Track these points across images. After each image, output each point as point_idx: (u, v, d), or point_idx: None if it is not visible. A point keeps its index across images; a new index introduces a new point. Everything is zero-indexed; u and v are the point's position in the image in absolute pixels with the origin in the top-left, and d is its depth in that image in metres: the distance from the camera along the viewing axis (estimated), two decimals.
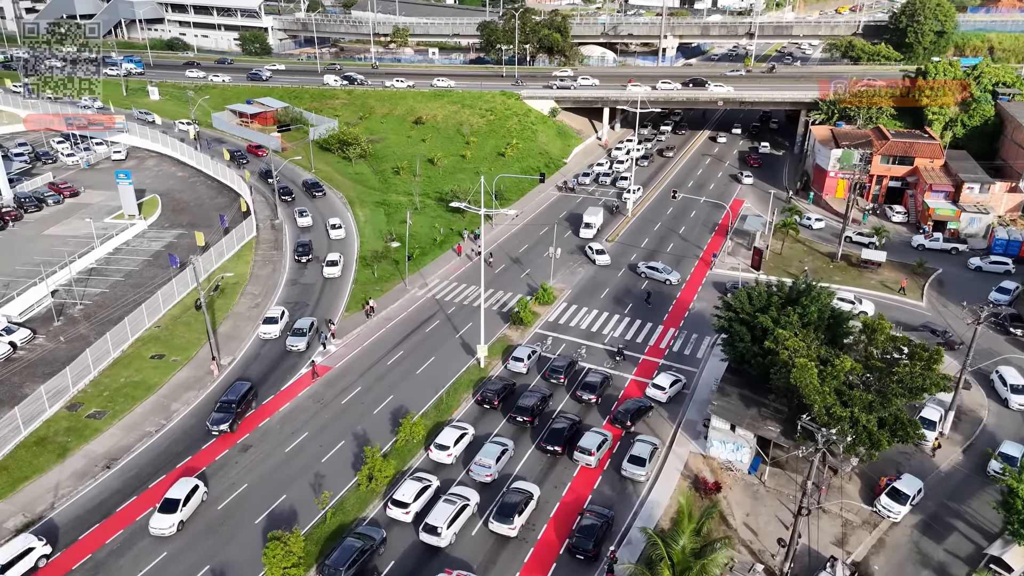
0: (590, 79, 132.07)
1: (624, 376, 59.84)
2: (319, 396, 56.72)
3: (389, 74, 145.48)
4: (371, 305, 68.58)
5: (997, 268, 77.78)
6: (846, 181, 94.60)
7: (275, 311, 66.70)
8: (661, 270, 76.34)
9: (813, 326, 50.89)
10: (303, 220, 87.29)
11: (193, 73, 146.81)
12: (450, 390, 57.28)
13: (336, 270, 75.01)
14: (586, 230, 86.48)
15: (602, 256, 79.85)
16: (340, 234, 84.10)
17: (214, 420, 52.22)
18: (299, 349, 62.13)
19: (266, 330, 64.34)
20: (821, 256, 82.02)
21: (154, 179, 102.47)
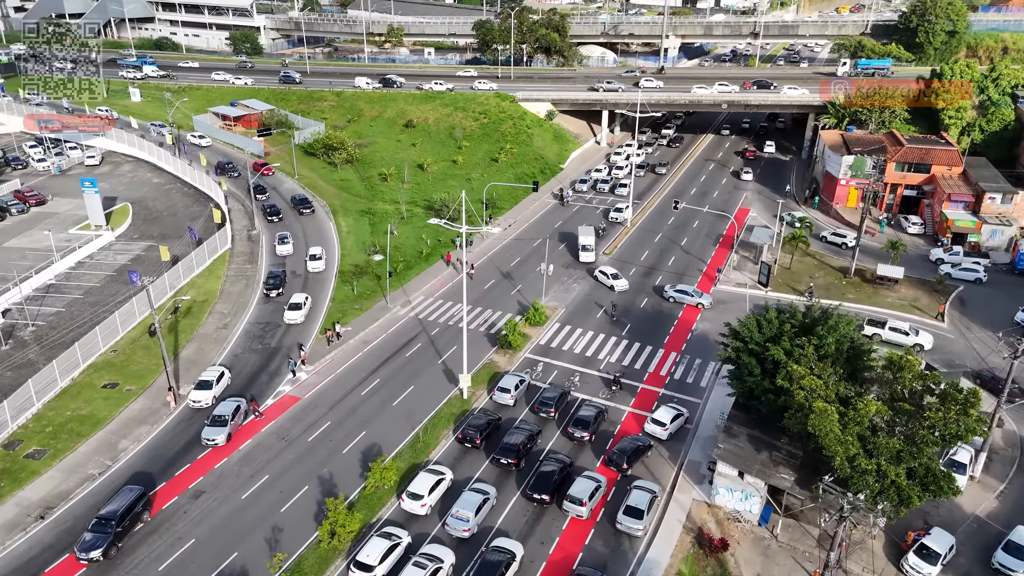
0: (653, 81, 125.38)
1: (621, 408, 54.56)
2: (284, 432, 51.47)
3: (427, 76, 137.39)
4: (338, 331, 62.81)
5: (967, 275, 74.05)
6: (858, 190, 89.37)
7: (211, 373, 55.35)
8: (692, 293, 69.75)
9: (831, 359, 45.66)
10: (282, 248, 78.54)
11: (219, 76, 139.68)
12: (429, 425, 52.00)
13: (299, 315, 64.96)
14: (585, 253, 78.43)
15: (619, 281, 72.68)
16: (319, 267, 74.69)
17: (83, 545, 39.97)
18: (216, 442, 49.14)
19: (197, 397, 53.36)
20: (833, 271, 76.67)
21: (128, 186, 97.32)
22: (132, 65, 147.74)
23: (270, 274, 72.44)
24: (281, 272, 73.16)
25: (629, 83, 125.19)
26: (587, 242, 78.84)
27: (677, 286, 71.27)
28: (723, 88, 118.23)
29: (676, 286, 71.30)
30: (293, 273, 74.88)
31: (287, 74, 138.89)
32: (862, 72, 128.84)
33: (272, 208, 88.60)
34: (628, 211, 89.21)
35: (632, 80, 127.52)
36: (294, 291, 69.83)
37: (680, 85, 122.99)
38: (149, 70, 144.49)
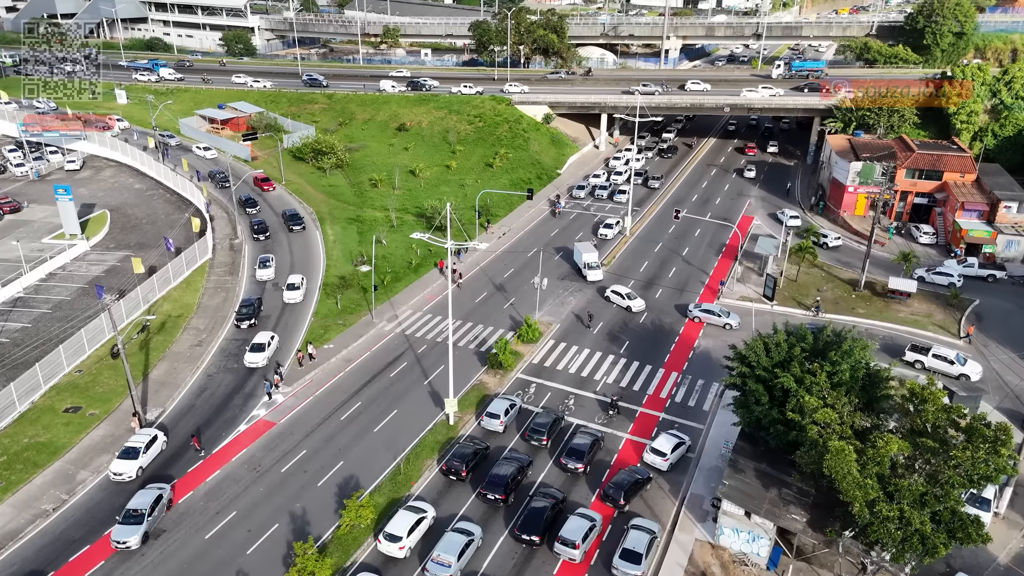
0: (700, 83, 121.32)
1: (618, 435, 50.97)
2: (255, 462, 47.87)
3: (455, 79, 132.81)
4: (310, 352, 58.92)
5: (940, 279, 72.16)
6: (868, 198, 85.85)
7: (139, 438, 46.96)
8: (719, 312, 65.41)
9: (845, 387, 42.07)
10: (263, 272, 71.72)
11: (239, 79, 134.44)
12: (411, 455, 48.38)
13: (260, 358, 57.40)
14: (592, 272, 72.90)
15: (636, 301, 67.63)
16: (295, 298, 67.22)
17: None
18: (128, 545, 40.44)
19: (119, 468, 45.14)
20: (842, 284, 73.06)
21: (108, 192, 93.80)
22: (144, 68, 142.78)
23: (244, 302, 65.70)
24: (256, 300, 66.44)
25: (674, 85, 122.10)
26: (590, 259, 73.47)
27: (702, 305, 66.64)
28: (766, 90, 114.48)
29: (701, 305, 66.69)
30: (275, 298, 68.73)
31: (312, 77, 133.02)
32: (796, 74, 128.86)
33: (260, 225, 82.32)
34: (627, 220, 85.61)
35: (678, 83, 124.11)
36: (268, 323, 64.29)
37: (728, 88, 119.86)
38: (166, 73, 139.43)
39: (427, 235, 49.78)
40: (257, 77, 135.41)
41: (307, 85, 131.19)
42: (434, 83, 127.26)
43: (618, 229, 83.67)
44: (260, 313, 65.94)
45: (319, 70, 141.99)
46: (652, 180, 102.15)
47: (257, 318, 64.71)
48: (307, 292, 69.04)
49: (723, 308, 66.11)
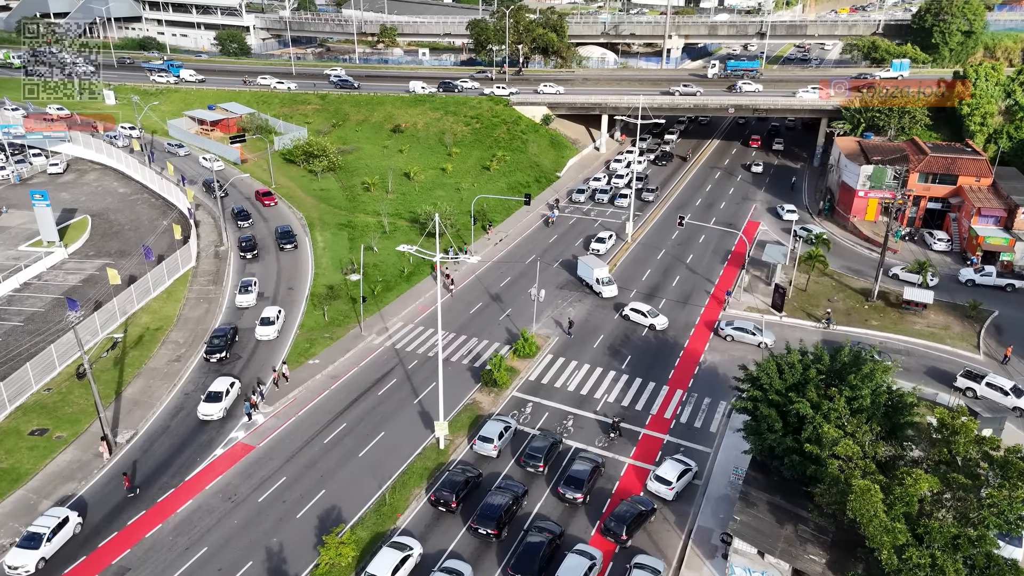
0: (753, 85, 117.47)
1: (619, 460, 47.72)
2: (231, 491, 44.66)
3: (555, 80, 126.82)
4: (284, 373, 55.04)
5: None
6: (878, 201, 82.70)
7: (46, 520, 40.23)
8: (753, 330, 60.84)
9: (866, 413, 38.87)
10: (243, 298, 64.91)
11: (265, 80, 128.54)
12: (398, 483, 45.15)
13: (216, 409, 50.25)
14: (607, 287, 68.04)
15: (659, 319, 63.31)
16: (268, 334, 59.90)
17: None
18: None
19: (15, 561, 38.27)
20: (853, 294, 69.81)
21: (91, 196, 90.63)
22: (159, 69, 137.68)
23: (216, 332, 59.44)
24: (230, 330, 59.90)
25: (721, 87, 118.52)
26: (602, 274, 68.66)
27: (735, 323, 61.82)
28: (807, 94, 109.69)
29: (734, 323, 61.86)
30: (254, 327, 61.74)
31: (343, 79, 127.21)
32: (732, 73, 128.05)
33: (248, 242, 75.62)
34: (629, 225, 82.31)
35: (727, 83, 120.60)
36: (240, 359, 57.84)
37: (783, 87, 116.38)
38: (187, 74, 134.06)
39: (414, 247, 46.55)
40: (282, 79, 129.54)
41: (337, 87, 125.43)
42: (474, 85, 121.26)
43: (611, 244, 78.91)
44: (234, 344, 59.45)
45: (349, 71, 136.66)
46: (647, 192, 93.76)
47: (229, 352, 58.11)
48: (284, 328, 61.65)
49: (757, 326, 61.40)
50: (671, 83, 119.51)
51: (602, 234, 79.56)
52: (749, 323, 62.02)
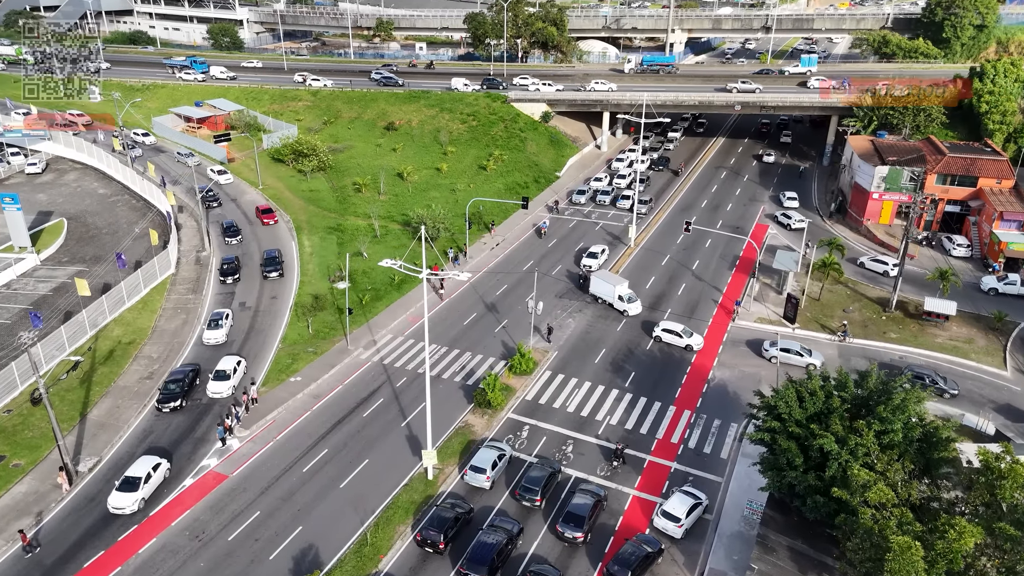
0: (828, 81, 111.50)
1: (623, 491, 43.96)
2: (199, 528, 40.90)
3: (541, 75, 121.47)
4: (253, 396, 50.87)
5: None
6: (907, 210, 78.78)
7: None
8: (801, 351, 56.10)
9: (898, 449, 35.11)
10: (212, 334, 57.56)
11: (299, 78, 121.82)
12: (382, 519, 41.37)
13: (129, 500, 41.26)
14: (631, 305, 62.82)
15: (694, 338, 58.55)
16: (220, 390, 51.19)
17: None
18: None
19: None
20: (870, 303, 66.00)
21: (68, 198, 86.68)
22: (183, 66, 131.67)
23: (172, 376, 51.94)
24: (188, 374, 51.97)
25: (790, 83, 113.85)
26: (624, 291, 63.32)
27: (780, 344, 56.51)
28: None
29: (779, 344, 56.53)
30: None
31: (385, 75, 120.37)
32: (648, 68, 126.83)
33: (229, 265, 68.12)
34: (632, 229, 78.37)
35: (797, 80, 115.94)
36: (200, 402, 50.69)
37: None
38: (217, 71, 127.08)
39: (399, 262, 42.66)
40: (317, 75, 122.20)
41: (380, 85, 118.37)
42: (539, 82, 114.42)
43: (604, 258, 72.30)
44: (193, 389, 51.93)
45: (393, 68, 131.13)
46: (640, 204, 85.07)
47: (187, 400, 50.82)
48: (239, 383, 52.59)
49: (804, 347, 56.68)
50: None
51: (595, 248, 72.86)
52: (796, 343, 57.10)
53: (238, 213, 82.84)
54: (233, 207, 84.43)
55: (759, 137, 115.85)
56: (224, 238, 75.46)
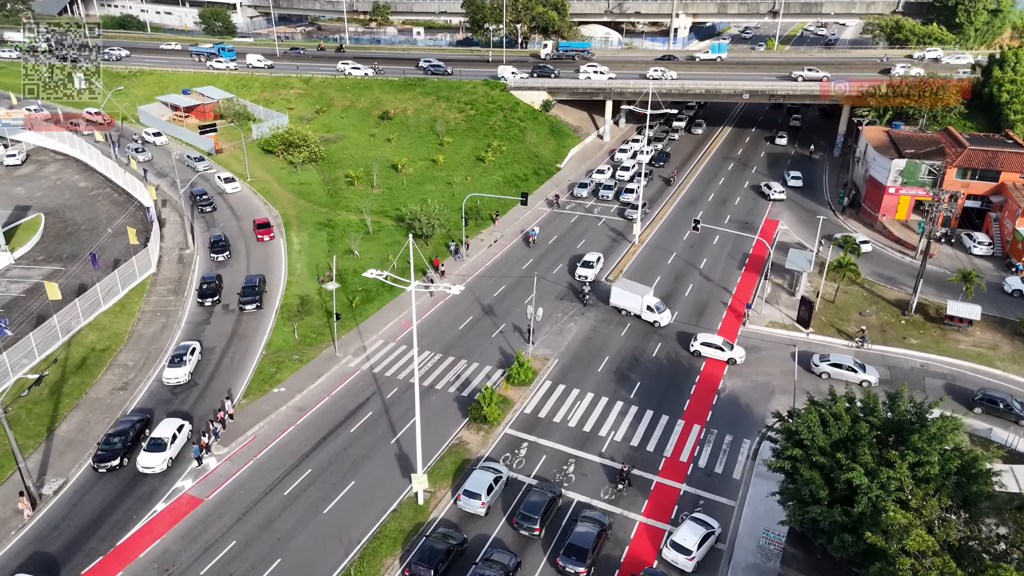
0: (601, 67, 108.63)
1: (629, 517, 40.76)
2: (169, 560, 37.71)
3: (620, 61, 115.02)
4: (229, 411, 47.37)
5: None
6: (924, 207, 75.18)
7: None
8: (854, 367, 51.85)
9: (934, 484, 31.83)
10: (172, 373, 50.40)
11: (344, 65, 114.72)
12: (368, 551, 38.17)
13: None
14: (662, 315, 58.59)
15: (736, 351, 54.62)
16: (153, 465, 42.54)
17: None
18: None
19: None
20: (888, 306, 62.61)
21: (48, 191, 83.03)
22: (209, 53, 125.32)
23: (117, 427, 44.92)
24: (134, 426, 44.93)
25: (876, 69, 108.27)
26: (652, 300, 59.21)
27: (831, 358, 52.76)
28: None
29: (830, 358, 52.80)
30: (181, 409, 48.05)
31: (434, 63, 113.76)
32: (564, 54, 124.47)
33: (210, 285, 61.45)
34: (636, 226, 74.79)
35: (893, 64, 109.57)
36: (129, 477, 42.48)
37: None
38: (253, 60, 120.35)
39: (384, 274, 39.29)
40: (357, 64, 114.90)
41: (429, 73, 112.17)
42: (595, 68, 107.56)
43: (599, 267, 67.12)
44: (128, 448, 43.67)
45: (436, 55, 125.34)
46: (631, 209, 78.89)
47: (122, 455, 43.15)
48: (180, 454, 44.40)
49: (856, 361, 52.74)
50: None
51: (589, 256, 67.01)
52: (849, 358, 52.92)
53: (232, 224, 75.63)
54: (229, 214, 77.85)
55: (766, 127, 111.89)
56: (210, 254, 68.09)
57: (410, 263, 39.36)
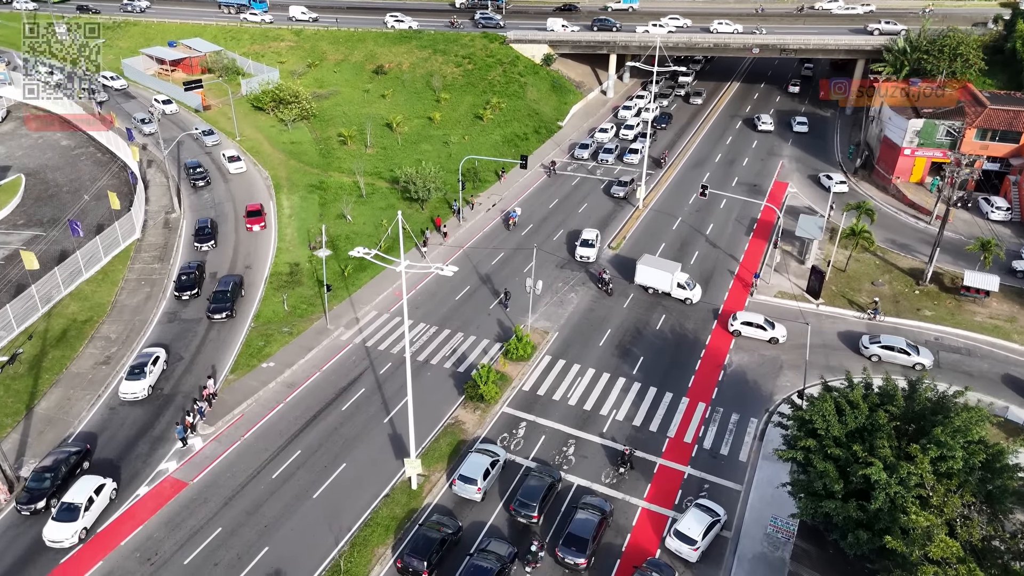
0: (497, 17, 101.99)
1: (631, 502, 39.16)
2: (152, 548, 36.20)
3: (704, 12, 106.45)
4: (212, 391, 44.75)
5: None
6: (927, 160, 72.17)
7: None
8: (907, 348, 48.77)
9: (957, 479, 30.01)
10: (130, 387, 44.48)
11: (391, 18, 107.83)
12: (359, 539, 36.62)
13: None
14: (694, 291, 55.74)
15: (778, 329, 51.49)
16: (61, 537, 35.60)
17: None
18: None
19: None
20: (901, 275, 60.25)
21: (29, 150, 79.87)
22: (240, 5, 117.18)
23: (48, 463, 38.90)
24: (73, 456, 39.45)
25: None
26: (682, 277, 55.88)
27: (882, 339, 49.66)
28: None
29: (880, 339, 49.74)
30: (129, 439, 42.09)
31: (488, 15, 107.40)
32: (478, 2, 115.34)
33: (189, 276, 55.37)
34: (640, 189, 71.88)
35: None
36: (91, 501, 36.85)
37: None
38: (297, 12, 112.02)
39: (372, 252, 36.94)
40: (400, 16, 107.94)
41: (480, 26, 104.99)
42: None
43: (600, 244, 63.03)
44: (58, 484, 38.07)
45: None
46: (618, 187, 72.92)
47: (52, 499, 37.47)
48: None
49: (910, 343, 49.65)
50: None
51: (587, 234, 62.41)
52: (900, 339, 49.58)
53: (227, 208, 68.55)
54: (225, 195, 71.01)
55: (775, 82, 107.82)
56: (195, 242, 61.61)
57: (400, 240, 36.80)
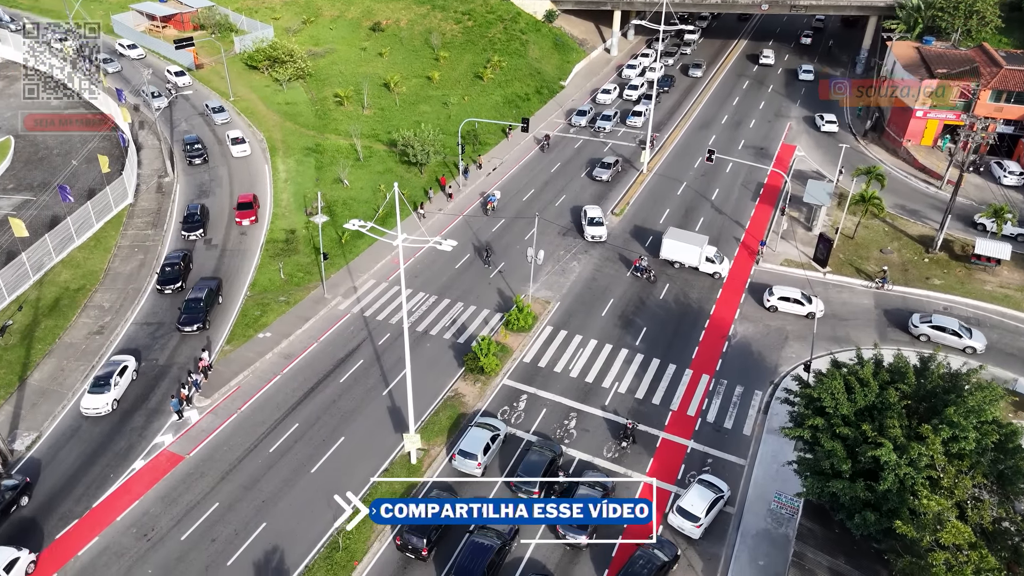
0: None
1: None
2: (148, 524, 35.80)
3: None
4: (208, 363, 43.77)
5: None
6: (939, 123, 70.30)
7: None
8: (958, 330, 46.69)
9: (969, 461, 29.33)
10: (93, 401, 40.90)
11: None
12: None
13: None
14: (721, 265, 54.24)
15: (815, 303, 49.74)
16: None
17: None
18: None
19: None
20: (910, 242, 59.03)
21: (18, 111, 77.77)
22: None
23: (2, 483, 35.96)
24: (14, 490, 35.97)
25: None
26: (710, 251, 54.53)
27: (933, 317, 47.97)
28: None
29: (931, 317, 48.01)
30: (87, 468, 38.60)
31: None
32: None
33: (173, 267, 51.46)
34: (645, 153, 70.17)
35: None
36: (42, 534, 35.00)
37: None
38: None
39: (368, 225, 35.72)
40: None
41: None
42: None
43: (606, 221, 59.80)
44: (19, 502, 36.06)
45: None
46: (601, 168, 68.02)
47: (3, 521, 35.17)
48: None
49: (962, 324, 47.47)
50: None
51: (592, 211, 59.70)
52: (953, 320, 47.56)
53: (223, 192, 63.72)
54: (224, 178, 65.86)
55: (784, 40, 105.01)
56: (182, 230, 57.19)
57: (396, 212, 35.55)
